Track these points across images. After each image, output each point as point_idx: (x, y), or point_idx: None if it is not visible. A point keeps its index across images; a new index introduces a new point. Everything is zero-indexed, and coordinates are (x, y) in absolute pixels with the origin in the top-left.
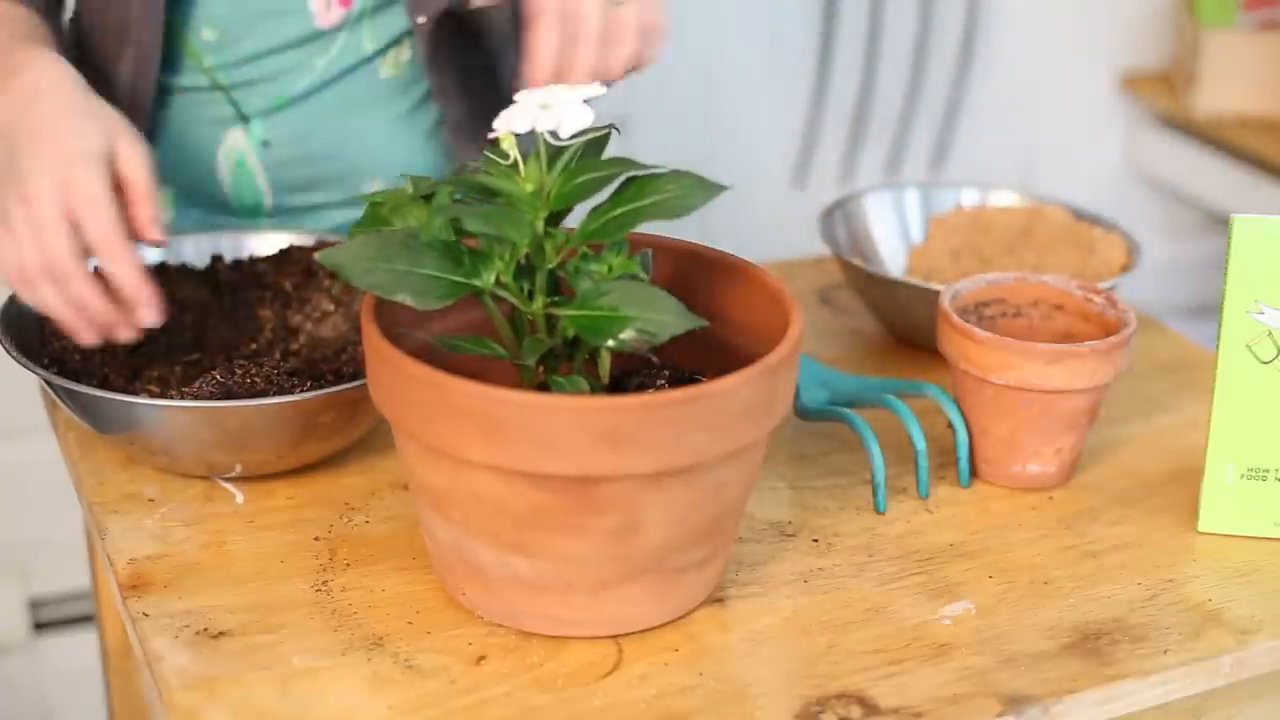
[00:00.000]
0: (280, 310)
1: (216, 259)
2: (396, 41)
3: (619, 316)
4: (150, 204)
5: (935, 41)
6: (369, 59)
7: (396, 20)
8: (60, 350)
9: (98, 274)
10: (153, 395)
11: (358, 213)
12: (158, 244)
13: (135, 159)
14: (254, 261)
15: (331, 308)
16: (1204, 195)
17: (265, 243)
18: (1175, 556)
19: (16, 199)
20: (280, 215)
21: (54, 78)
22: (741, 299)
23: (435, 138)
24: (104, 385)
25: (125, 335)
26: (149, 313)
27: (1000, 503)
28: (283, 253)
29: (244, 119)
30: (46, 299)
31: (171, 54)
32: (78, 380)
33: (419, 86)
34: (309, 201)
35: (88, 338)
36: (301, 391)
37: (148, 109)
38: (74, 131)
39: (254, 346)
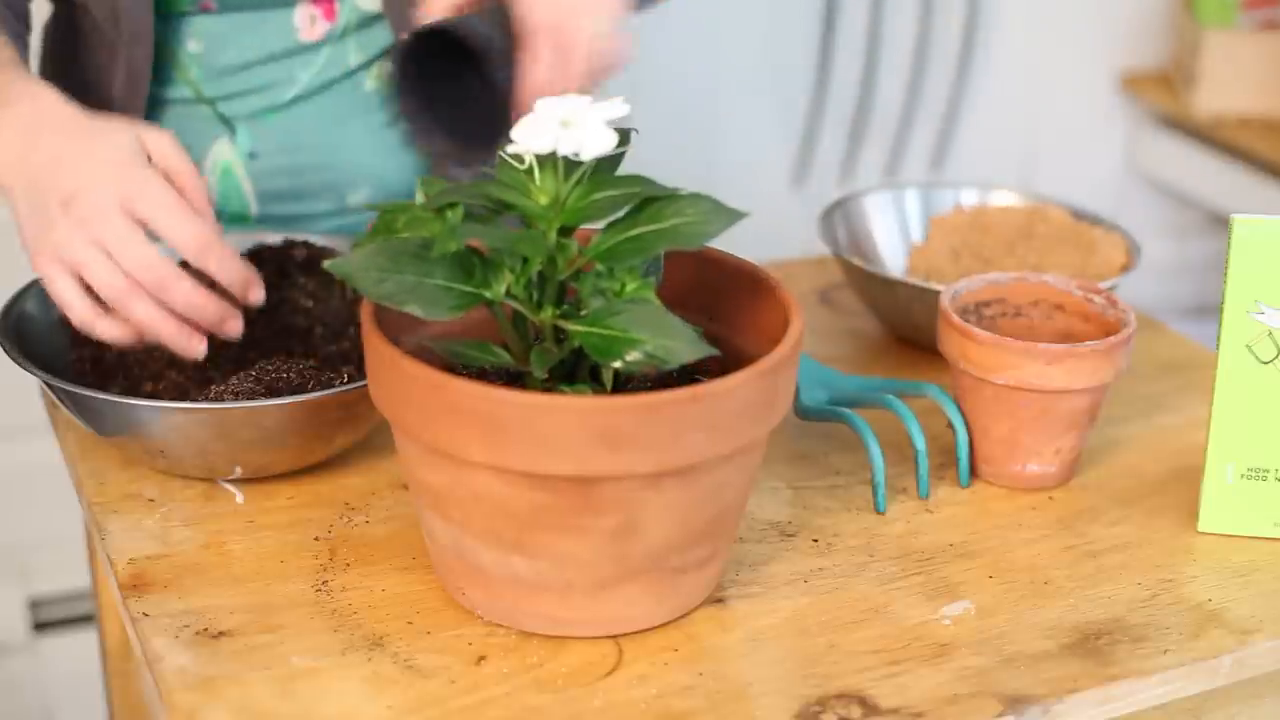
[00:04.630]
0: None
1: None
2: (382, 54)
3: (629, 338)
4: (200, 187)
5: (935, 41)
6: (353, 72)
7: (382, 34)
8: (90, 357)
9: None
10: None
11: (343, 221)
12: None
13: (168, 148)
14: None
15: (310, 304)
16: (1204, 195)
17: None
18: (1175, 556)
19: (74, 224)
20: (266, 224)
21: (49, 102)
22: (741, 299)
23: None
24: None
25: (236, 328)
26: (257, 291)
27: (1000, 503)
28: (252, 253)
29: (230, 130)
30: (144, 319)
31: (159, 66)
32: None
33: None
34: (295, 211)
35: (197, 346)
36: (321, 382)
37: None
38: (104, 140)
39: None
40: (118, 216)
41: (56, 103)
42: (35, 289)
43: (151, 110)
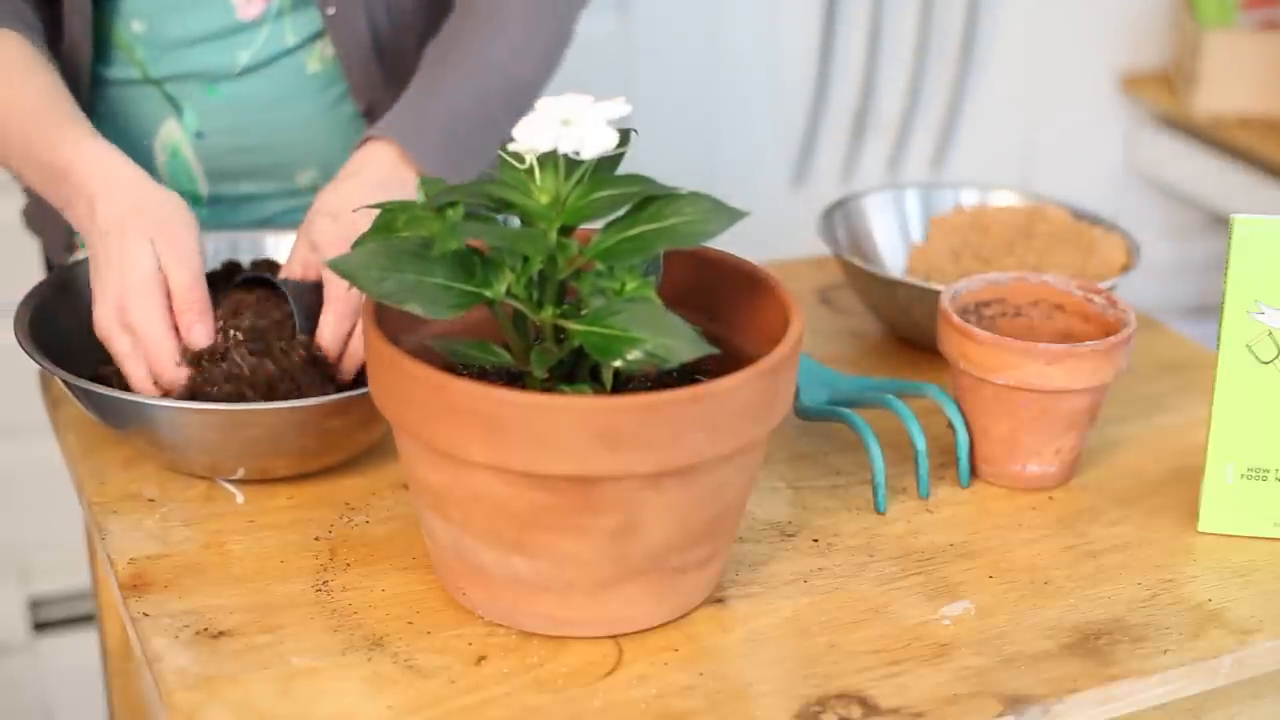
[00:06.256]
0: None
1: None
2: (319, 35)
3: (629, 337)
4: (188, 314)
5: (935, 41)
6: (293, 51)
7: (316, 15)
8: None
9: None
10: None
11: (293, 202)
12: (202, 344)
13: (177, 271)
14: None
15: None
16: (1204, 195)
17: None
18: (1175, 556)
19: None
20: (216, 204)
21: (102, 178)
22: (741, 299)
23: (365, 128)
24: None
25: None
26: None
27: (1000, 503)
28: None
29: (177, 110)
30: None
31: (105, 47)
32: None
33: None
34: (245, 191)
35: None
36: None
37: (85, 101)
38: (130, 258)
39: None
40: (119, 330)
41: (105, 178)
42: (43, 287)
43: (102, 91)
